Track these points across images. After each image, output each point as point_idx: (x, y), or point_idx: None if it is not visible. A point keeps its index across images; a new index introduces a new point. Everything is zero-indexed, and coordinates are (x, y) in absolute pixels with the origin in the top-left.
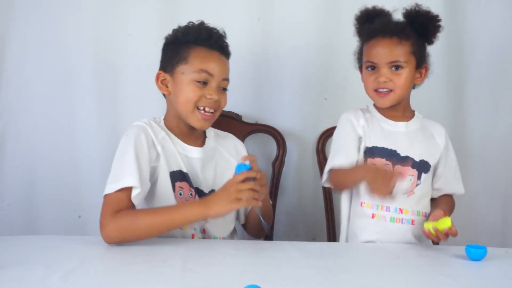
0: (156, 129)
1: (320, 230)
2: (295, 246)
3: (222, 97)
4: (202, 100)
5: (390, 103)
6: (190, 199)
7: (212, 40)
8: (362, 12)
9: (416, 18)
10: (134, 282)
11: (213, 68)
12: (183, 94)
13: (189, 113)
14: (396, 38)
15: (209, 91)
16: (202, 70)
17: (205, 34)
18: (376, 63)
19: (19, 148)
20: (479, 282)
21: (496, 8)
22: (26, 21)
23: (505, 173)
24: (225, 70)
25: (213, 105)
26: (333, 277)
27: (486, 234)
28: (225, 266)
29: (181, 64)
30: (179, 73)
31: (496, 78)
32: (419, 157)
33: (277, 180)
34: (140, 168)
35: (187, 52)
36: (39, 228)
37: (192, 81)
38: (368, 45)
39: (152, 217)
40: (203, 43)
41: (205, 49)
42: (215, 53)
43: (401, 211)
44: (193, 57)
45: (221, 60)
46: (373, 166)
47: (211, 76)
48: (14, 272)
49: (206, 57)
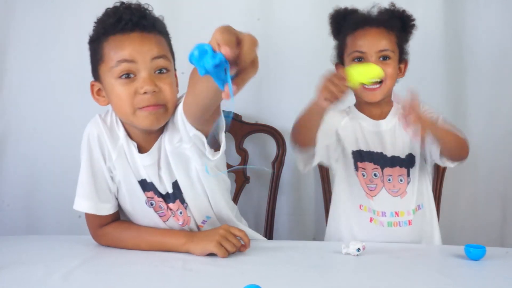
0: (113, 128)
1: (320, 230)
2: (295, 246)
3: (163, 83)
4: (137, 99)
5: (380, 96)
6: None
7: (123, 22)
8: (336, 11)
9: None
10: (134, 282)
11: (131, 53)
12: (115, 99)
13: (130, 117)
14: (383, 28)
15: (139, 84)
16: (119, 61)
17: (112, 19)
18: (365, 53)
19: (19, 148)
20: (479, 282)
21: (495, 8)
22: (27, 21)
23: (505, 173)
24: (151, 48)
25: (153, 100)
26: (333, 277)
27: (485, 234)
28: (225, 266)
29: (101, 65)
30: (104, 77)
31: (496, 78)
32: (405, 152)
33: (277, 180)
34: (95, 183)
35: (101, 47)
36: (39, 228)
37: (116, 80)
38: (353, 35)
39: (139, 239)
40: (114, 30)
41: (119, 36)
42: (132, 35)
43: (397, 214)
44: (107, 51)
45: (142, 39)
46: None
47: (134, 63)
48: (14, 272)
49: (120, 44)
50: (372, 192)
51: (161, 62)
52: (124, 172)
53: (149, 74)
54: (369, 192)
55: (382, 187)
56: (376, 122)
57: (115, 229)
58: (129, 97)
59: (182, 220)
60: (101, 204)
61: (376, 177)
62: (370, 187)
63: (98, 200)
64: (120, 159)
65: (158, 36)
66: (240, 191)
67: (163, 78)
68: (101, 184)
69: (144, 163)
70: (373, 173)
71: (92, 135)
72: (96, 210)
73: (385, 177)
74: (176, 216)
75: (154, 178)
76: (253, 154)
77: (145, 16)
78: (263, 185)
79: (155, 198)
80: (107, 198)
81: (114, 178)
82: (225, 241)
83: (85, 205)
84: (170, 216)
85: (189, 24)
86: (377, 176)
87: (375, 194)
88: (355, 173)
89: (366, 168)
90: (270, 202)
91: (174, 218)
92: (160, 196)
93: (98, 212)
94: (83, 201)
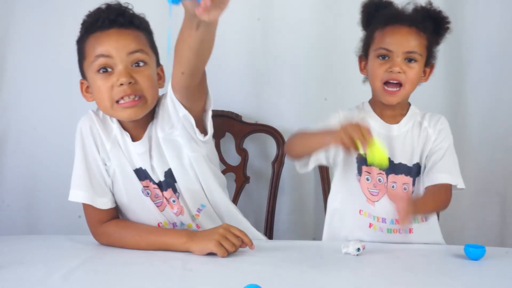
0: (107, 121)
1: (320, 230)
2: (295, 246)
3: (139, 75)
4: (115, 92)
5: (398, 100)
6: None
7: (100, 20)
8: (370, 0)
9: (428, 15)
10: (134, 282)
11: (107, 47)
12: (95, 92)
13: (109, 111)
14: (415, 28)
15: (116, 76)
16: (96, 56)
17: (92, 18)
18: (392, 51)
19: (19, 148)
20: (478, 281)
21: (495, 8)
22: (27, 21)
23: (505, 173)
24: (127, 43)
25: (129, 91)
26: (333, 277)
27: (485, 233)
28: (225, 266)
29: (84, 63)
30: (86, 73)
31: (496, 78)
32: (412, 161)
33: (277, 180)
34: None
35: (83, 46)
36: (39, 228)
37: (95, 74)
38: (382, 31)
39: (138, 237)
40: (93, 29)
41: (97, 33)
42: (109, 31)
43: (397, 222)
44: (87, 48)
45: (119, 34)
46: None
47: (110, 58)
48: (14, 272)
49: (98, 41)
50: (374, 198)
51: (138, 56)
52: (119, 161)
53: (125, 67)
54: (371, 198)
55: (384, 194)
56: (388, 125)
57: (114, 227)
58: (107, 90)
59: (176, 208)
60: (97, 198)
61: (380, 183)
62: (372, 192)
63: (94, 193)
64: (115, 149)
65: (136, 32)
66: (240, 191)
67: (140, 71)
68: (96, 176)
69: (138, 151)
70: (378, 178)
71: (85, 127)
72: (92, 201)
73: (389, 184)
74: (170, 204)
75: (147, 166)
76: (253, 154)
77: (123, 14)
78: (263, 185)
79: (150, 186)
80: (103, 191)
81: (109, 170)
82: (225, 240)
83: (80, 196)
84: (166, 205)
85: None
86: (381, 181)
87: (377, 200)
88: (356, 178)
89: (371, 172)
90: (270, 202)
91: (169, 206)
92: (155, 183)
93: (94, 204)
94: (78, 192)
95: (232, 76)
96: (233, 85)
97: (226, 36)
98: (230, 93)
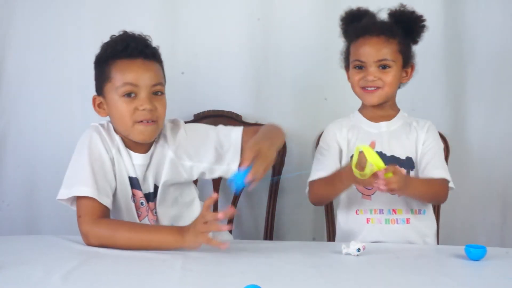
0: (111, 132)
1: (320, 230)
2: (295, 246)
3: (158, 103)
4: (136, 114)
5: (378, 100)
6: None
7: (130, 49)
8: (347, 13)
9: (401, 18)
10: (134, 282)
11: (136, 78)
12: (117, 113)
13: (129, 130)
14: (383, 36)
15: (139, 102)
16: (125, 83)
17: (121, 46)
18: (364, 62)
19: (19, 148)
20: (479, 282)
21: (496, 8)
22: (27, 21)
23: (505, 173)
24: (152, 76)
25: (149, 116)
26: (333, 277)
27: (485, 234)
28: (225, 266)
29: (107, 84)
30: (108, 93)
31: (496, 78)
32: (404, 154)
33: (277, 180)
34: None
35: (109, 69)
36: (39, 228)
37: (120, 98)
38: (355, 44)
39: (131, 235)
40: (121, 54)
41: (125, 61)
42: (136, 61)
43: (394, 212)
44: (114, 73)
45: (145, 67)
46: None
47: (137, 87)
48: (14, 272)
49: (126, 69)
50: (369, 191)
51: (158, 88)
52: (119, 167)
53: (148, 95)
54: (366, 192)
55: None
56: (377, 124)
57: (109, 223)
58: (130, 112)
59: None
60: (102, 196)
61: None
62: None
63: (98, 190)
64: (117, 155)
65: (157, 64)
66: (240, 192)
67: (158, 100)
68: (102, 178)
69: (137, 162)
70: None
71: (95, 134)
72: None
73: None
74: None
75: (140, 176)
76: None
77: (148, 46)
78: (263, 185)
79: (138, 195)
80: (106, 191)
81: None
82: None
83: (86, 191)
84: (146, 216)
85: (189, 24)
86: None
87: (373, 192)
88: None
89: None
90: (270, 202)
91: (148, 217)
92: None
93: (99, 199)
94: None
95: (232, 76)
96: (233, 85)
97: (226, 36)
98: (230, 93)
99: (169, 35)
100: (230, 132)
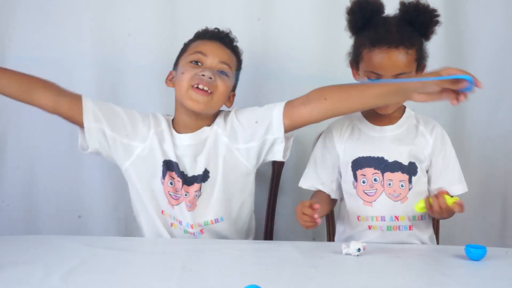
0: (160, 121)
1: (320, 230)
2: (295, 246)
3: (218, 79)
4: (195, 78)
5: (393, 109)
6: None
7: (213, 33)
8: (353, 3)
9: (414, 13)
10: (134, 282)
11: (207, 49)
12: (179, 76)
13: (184, 94)
14: (403, 48)
15: (201, 68)
16: (196, 51)
17: (209, 32)
18: (381, 75)
19: (19, 148)
20: (479, 282)
21: (496, 7)
22: (27, 21)
23: (505, 173)
24: (222, 54)
25: (207, 83)
26: (333, 277)
27: (485, 234)
28: (225, 266)
29: (182, 55)
30: (179, 63)
31: (496, 78)
32: (408, 160)
33: (277, 180)
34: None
35: (188, 44)
36: (39, 228)
37: (187, 63)
38: (370, 52)
39: None
40: (203, 36)
41: (204, 40)
42: (213, 41)
43: (396, 219)
44: (191, 46)
45: (219, 45)
46: None
47: (205, 56)
48: (14, 272)
49: (201, 43)
50: (371, 198)
51: (224, 67)
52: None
53: (212, 66)
54: (368, 199)
55: (382, 191)
56: (380, 127)
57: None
58: (190, 76)
59: (190, 204)
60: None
61: (376, 182)
62: (369, 193)
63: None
64: (155, 136)
65: (228, 50)
66: None
67: (221, 78)
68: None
69: (184, 143)
70: (373, 178)
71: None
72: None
73: (385, 182)
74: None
75: (186, 159)
76: None
77: (228, 35)
78: (263, 185)
79: (175, 178)
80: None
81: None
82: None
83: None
84: (183, 201)
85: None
86: (377, 180)
87: (375, 199)
88: (353, 185)
89: (366, 174)
90: (270, 202)
91: (185, 200)
92: (180, 177)
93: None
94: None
95: None
96: None
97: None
98: None
99: (169, 35)
100: (273, 109)
